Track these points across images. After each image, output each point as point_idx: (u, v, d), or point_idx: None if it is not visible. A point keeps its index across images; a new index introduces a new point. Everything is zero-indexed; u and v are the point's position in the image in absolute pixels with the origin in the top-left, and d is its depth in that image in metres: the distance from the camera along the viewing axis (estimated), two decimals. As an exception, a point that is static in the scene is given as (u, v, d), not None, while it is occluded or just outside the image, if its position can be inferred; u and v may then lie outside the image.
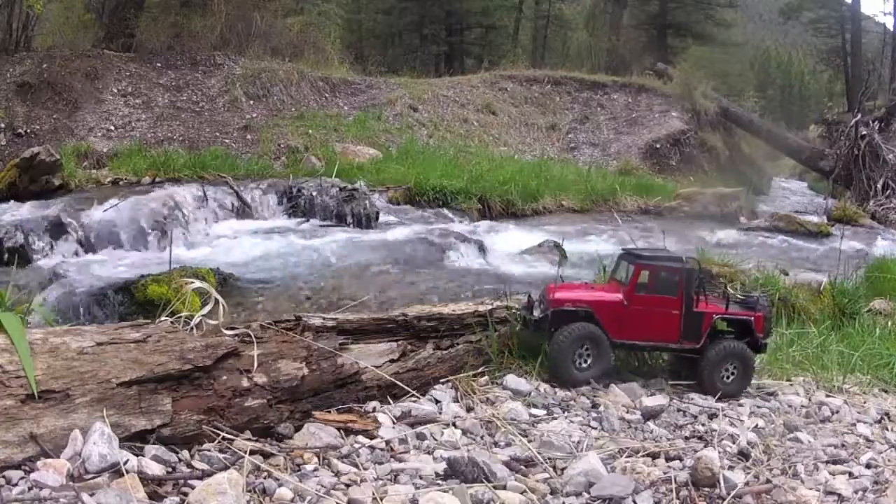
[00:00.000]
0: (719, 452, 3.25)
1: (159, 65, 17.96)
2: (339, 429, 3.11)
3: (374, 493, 2.54)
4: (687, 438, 3.59)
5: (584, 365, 4.08)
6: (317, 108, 18.46)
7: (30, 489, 2.14)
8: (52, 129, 14.78)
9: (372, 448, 3.01)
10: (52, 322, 5.29)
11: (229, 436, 2.82)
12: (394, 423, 3.30)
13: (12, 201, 10.01)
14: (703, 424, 3.79)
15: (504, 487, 2.75)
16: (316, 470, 2.69)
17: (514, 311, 4.38)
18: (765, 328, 4.38)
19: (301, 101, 18.35)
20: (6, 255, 8.24)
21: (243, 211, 11.33)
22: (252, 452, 2.70)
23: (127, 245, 9.37)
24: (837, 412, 4.11)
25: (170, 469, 2.50)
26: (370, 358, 3.52)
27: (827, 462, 3.31)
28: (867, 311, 7.70)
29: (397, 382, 3.54)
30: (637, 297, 4.20)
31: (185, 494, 2.31)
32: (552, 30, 40.76)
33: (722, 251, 9.17)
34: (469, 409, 3.59)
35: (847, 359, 5.16)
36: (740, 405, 4.13)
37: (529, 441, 3.33)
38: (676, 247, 10.62)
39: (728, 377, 4.24)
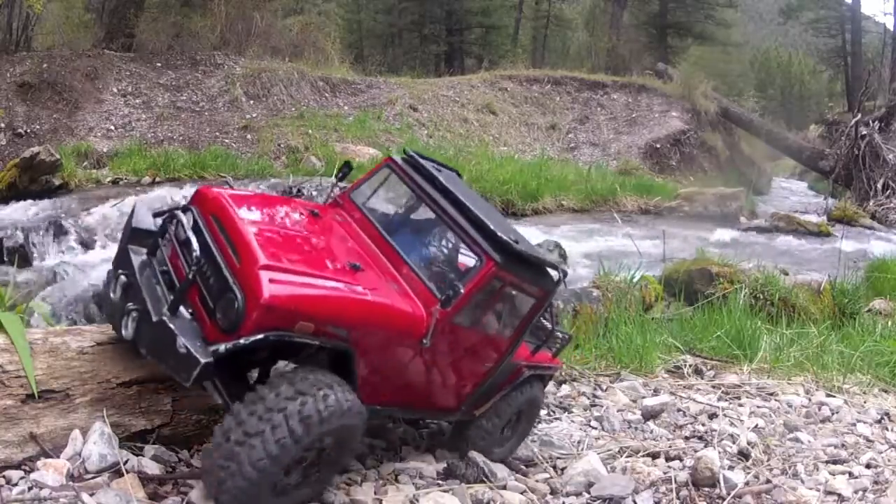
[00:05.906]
0: (719, 452, 3.25)
1: (159, 65, 17.96)
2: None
3: (374, 493, 2.54)
4: (687, 438, 3.59)
5: (291, 483, 2.20)
6: (317, 107, 18.44)
7: (30, 489, 2.14)
8: (52, 128, 14.76)
9: (373, 447, 3.00)
10: (52, 322, 5.29)
11: (229, 436, 2.82)
12: (395, 421, 3.30)
13: (12, 201, 10.00)
14: (703, 424, 3.79)
15: (504, 487, 2.75)
16: (316, 470, 2.69)
17: None
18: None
19: (301, 101, 18.33)
20: (6, 255, 8.24)
21: (243, 211, 11.30)
22: (252, 452, 2.69)
23: (127, 245, 9.35)
24: (837, 412, 4.10)
25: (170, 469, 2.50)
26: (370, 358, 3.51)
27: (827, 462, 3.31)
28: (867, 311, 7.68)
29: (397, 382, 3.53)
30: (452, 330, 2.35)
31: (185, 494, 2.31)
32: (552, 30, 40.74)
33: (722, 251, 9.15)
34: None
35: (847, 359, 5.15)
36: (741, 405, 4.12)
37: (530, 440, 3.33)
38: (678, 247, 10.60)
39: (508, 435, 3.08)
